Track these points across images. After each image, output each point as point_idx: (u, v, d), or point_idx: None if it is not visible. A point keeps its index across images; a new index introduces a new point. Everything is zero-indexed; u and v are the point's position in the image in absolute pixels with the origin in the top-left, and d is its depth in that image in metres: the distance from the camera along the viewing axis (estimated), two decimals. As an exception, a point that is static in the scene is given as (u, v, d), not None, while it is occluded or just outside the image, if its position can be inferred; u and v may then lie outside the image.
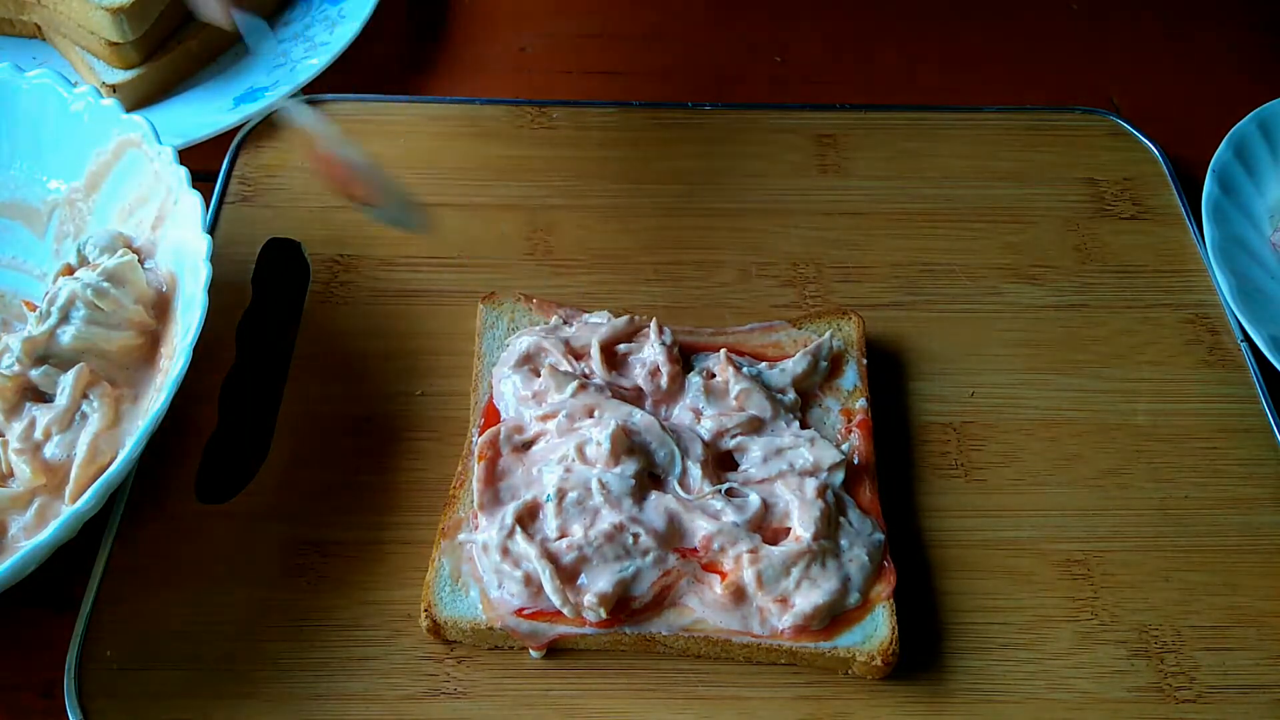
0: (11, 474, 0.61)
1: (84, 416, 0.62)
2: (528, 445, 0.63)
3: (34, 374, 0.63)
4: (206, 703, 0.58)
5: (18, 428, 0.62)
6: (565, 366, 0.65)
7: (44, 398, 0.63)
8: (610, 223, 0.77)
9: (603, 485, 0.59)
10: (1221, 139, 0.79)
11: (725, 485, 0.61)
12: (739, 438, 0.63)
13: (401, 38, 0.92)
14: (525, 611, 0.58)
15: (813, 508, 0.60)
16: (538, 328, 0.68)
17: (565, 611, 0.57)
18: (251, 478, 0.65)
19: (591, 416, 0.62)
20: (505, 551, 0.58)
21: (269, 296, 0.74)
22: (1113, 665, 0.60)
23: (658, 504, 0.60)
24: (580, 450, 0.61)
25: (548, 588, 0.57)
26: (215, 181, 0.78)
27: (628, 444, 0.60)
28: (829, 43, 0.93)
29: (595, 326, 0.67)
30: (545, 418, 0.63)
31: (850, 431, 0.65)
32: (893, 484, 0.65)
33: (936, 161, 0.81)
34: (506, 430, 0.63)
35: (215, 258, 0.64)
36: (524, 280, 0.74)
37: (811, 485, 0.61)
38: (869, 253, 0.76)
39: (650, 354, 0.65)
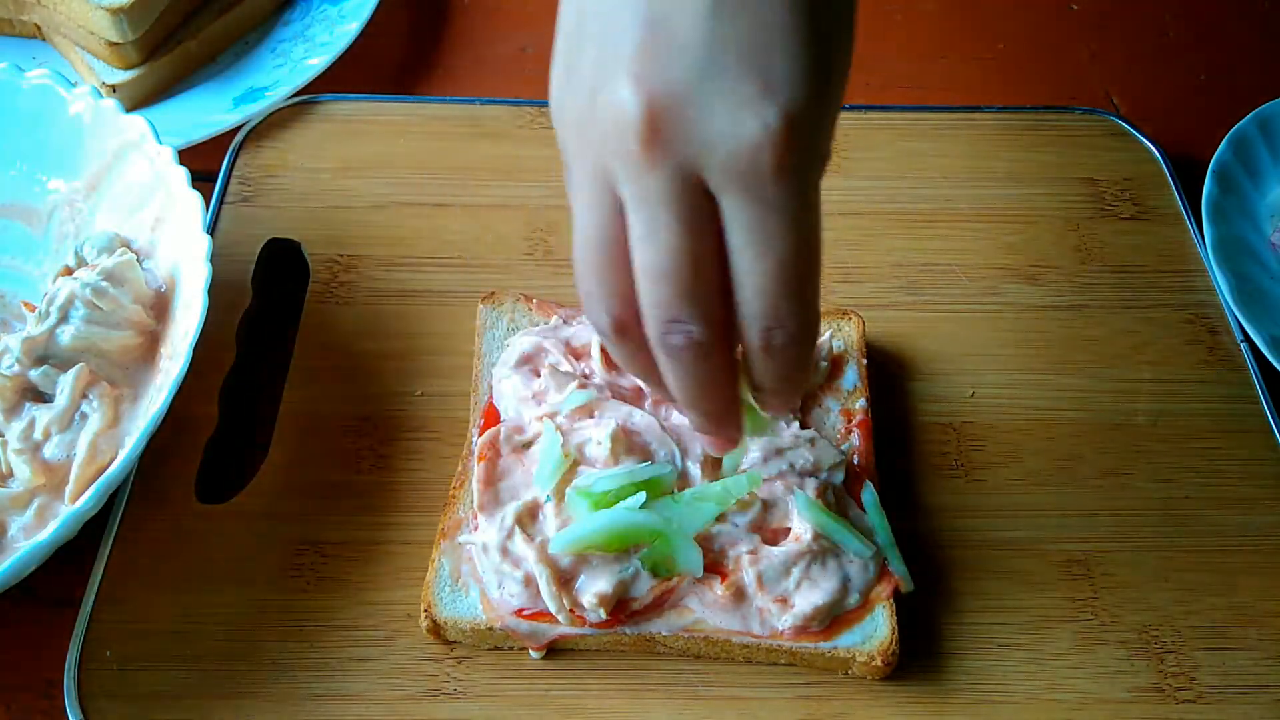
0: (11, 474, 0.61)
1: (84, 416, 0.62)
2: (528, 445, 0.63)
3: (33, 374, 0.63)
4: (206, 703, 0.58)
5: (17, 428, 0.62)
6: (565, 366, 0.65)
7: (44, 398, 0.63)
8: (610, 223, 0.77)
9: (603, 485, 0.59)
10: (1221, 139, 0.79)
11: (725, 485, 0.61)
12: (739, 438, 0.63)
13: (401, 38, 0.92)
14: (525, 612, 0.58)
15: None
16: (538, 328, 0.68)
17: (560, 618, 0.57)
18: (251, 478, 0.65)
19: (591, 416, 0.62)
20: (505, 552, 0.58)
21: (269, 296, 0.74)
22: (1113, 665, 0.60)
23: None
24: (580, 450, 0.61)
25: (545, 594, 0.57)
26: (215, 181, 0.78)
27: (627, 444, 0.60)
28: (829, 43, 0.92)
29: (595, 326, 0.67)
30: (545, 418, 0.63)
31: (850, 431, 0.65)
32: (893, 484, 0.65)
33: (936, 161, 0.81)
34: (506, 430, 0.63)
35: (215, 258, 0.64)
36: (524, 280, 0.74)
37: (811, 485, 0.61)
38: (869, 253, 0.76)
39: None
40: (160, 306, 0.67)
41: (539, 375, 0.65)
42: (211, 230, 0.75)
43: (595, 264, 0.46)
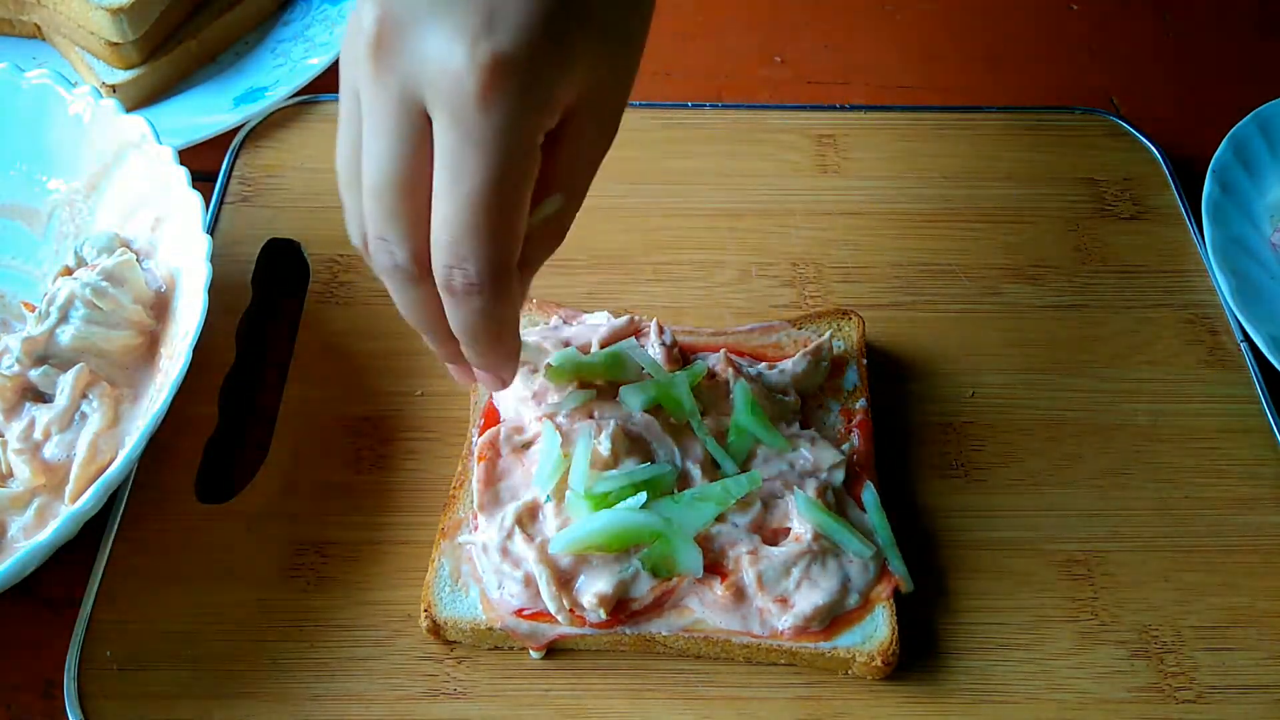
0: (11, 474, 0.61)
1: (84, 416, 0.62)
2: (527, 445, 0.63)
3: (33, 374, 0.63)
4: (206, 703, 0.58)
5: (17, 428, 0.62)
6: (565, 366, 0.65)
7: (44, 398, 0.63)
8: (610, 223, 0.77)
9: (603, 485, 0.59)
10: (1221, 139, 0.79)
11: (725, 485, 0.61)
12: (739, 438, 0.63)
13: (401, 38, 0.92)
14: (525, 612, 0.58)
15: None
16: (537, 328, 0.68)
17: (560, 619, 0.57)
18: (251, 478, 0.65)
19: (591, 417, 0.62)
20: (505, 552, 0.58)
21: (269, 296, 0.74)
22: (1113, 665, 0.60)
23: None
24: (580, 450, 0.61)
25: (545, 594, 0.57)
26: (215, 181, 0.78)
27: (628, 444, 0.60)
28: (829, 43, 0.93)
29: (595, 326, 0.67)
30: (545, 418, 0.63)
31: (850, 431, 0.65)
32: (893, 484, 0.65)
33: (936, 161, 0.81)
34: (506, 430, 0.63)
35: (215, 258, 0.64)
36: (524, 280, 0.74)
37: (812, 485, 0.61)
38: (869, 253, 0.76)
39: (650, 354, 0.65)
40: (160, 306, 0.67)
41: (539, 375, 0.65)
42: (211, 230, 0.75)
43: (345, 179, 0.49)
